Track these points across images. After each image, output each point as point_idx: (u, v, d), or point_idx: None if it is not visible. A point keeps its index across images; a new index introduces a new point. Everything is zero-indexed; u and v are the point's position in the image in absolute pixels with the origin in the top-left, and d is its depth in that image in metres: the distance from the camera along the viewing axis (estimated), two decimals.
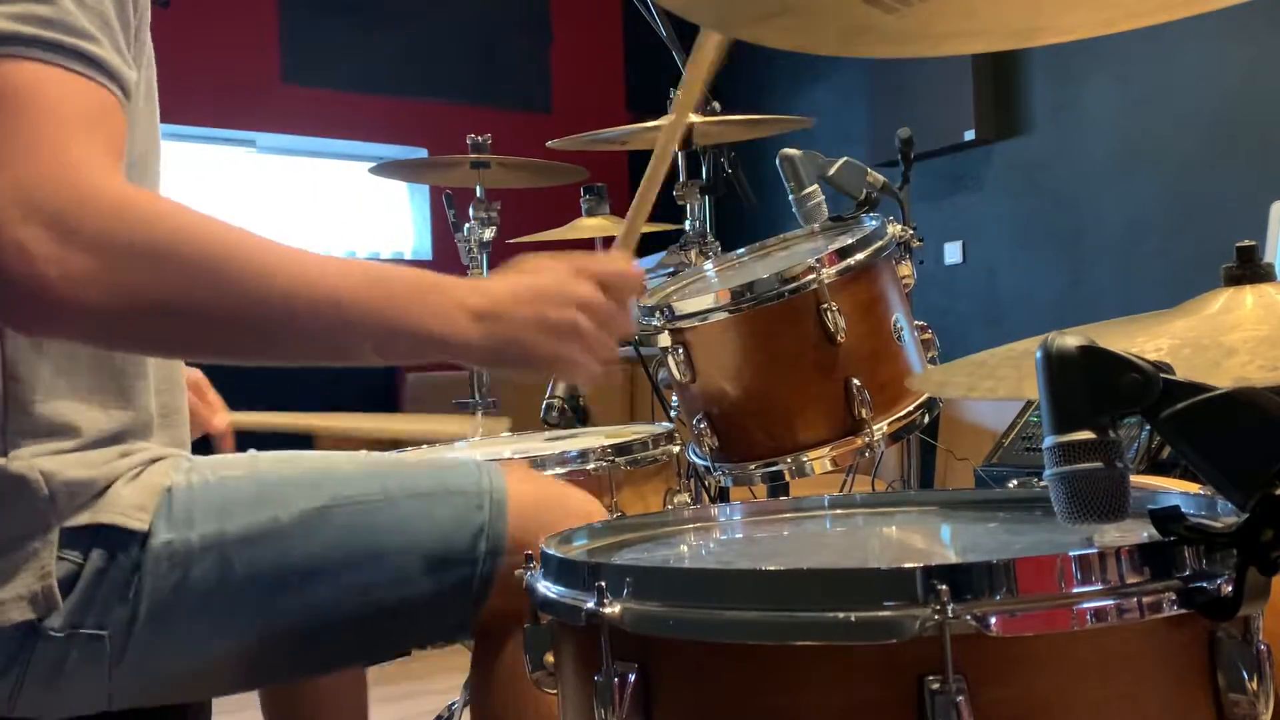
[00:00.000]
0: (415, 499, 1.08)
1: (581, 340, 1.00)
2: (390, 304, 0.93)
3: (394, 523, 1.06)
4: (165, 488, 1.03)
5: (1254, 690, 0.67)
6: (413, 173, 3.73)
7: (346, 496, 1.06)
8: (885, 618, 0.64)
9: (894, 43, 1.08)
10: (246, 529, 1.02)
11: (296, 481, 1.07)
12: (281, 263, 0.90)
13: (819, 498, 1.09)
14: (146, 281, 0.84)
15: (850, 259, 1.47)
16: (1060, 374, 0.71)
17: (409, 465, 1.14)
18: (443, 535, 1.07)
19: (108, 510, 0.99)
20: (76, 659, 0.97)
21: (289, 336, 0.92)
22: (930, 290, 4.27)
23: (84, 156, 0.85)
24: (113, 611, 0.98)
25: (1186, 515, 0.68)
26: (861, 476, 2.13)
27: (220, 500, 1.03)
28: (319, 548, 1.04)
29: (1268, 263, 0.96)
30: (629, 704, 0.71)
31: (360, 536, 1.05)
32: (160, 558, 1.00)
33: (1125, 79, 3.85)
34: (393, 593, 1.06)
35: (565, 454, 1.51)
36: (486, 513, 1.08)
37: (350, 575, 1.04)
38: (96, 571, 0.98)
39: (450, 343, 0.95)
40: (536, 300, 0.99)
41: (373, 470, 1.11)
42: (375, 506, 1.06)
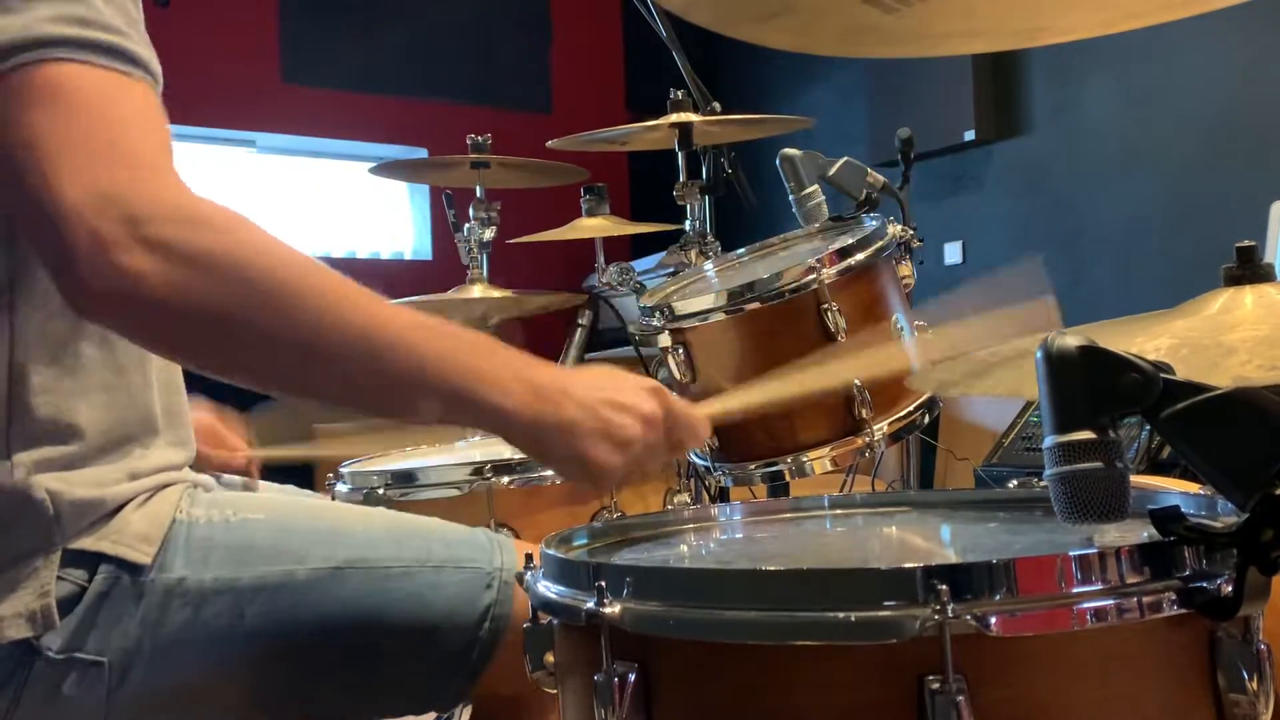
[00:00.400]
0: (427, 571, 1.08)
1: (628, 455, 0.96)
2: (454, 358, 0.92)
3: (403, 592, 1.07)
4: (178, 519, 1.03)
5: (1254, 690, 0.67)
6: (413, 173, 3.73)
7: (362, 560, 1.07)
8: (885, 618, 0.64)
9: (894, 43, 1.08)
10: (261, 578, 1.03)
11: (315, 535, 1.08)
12: (352, 300, 0.90)
13: (819, 498, 1.09)
14: (212, 290, 0.86)
15: (850, 259, 1.47)
16: (1060, 374, 0.71)
17: (426, 531, 1.15)
18: (449, 610, 1.08)
19: (113, 539, 0.99)
20: (74, 683, 0.97)
21: (348, 375, 0.91)
22: (930, 290, 4.26)
23: (152, 158, 0.87)
24: (113, 639, 0.98)
25: (1186, 515, 0.68)
26: (861, 476, 2.12)
27: (238, 544, 1.04)
28: (328, 607, 1.04)
29: (1268, 263, 0.96)
30: (629, 704, 0.71)
31: (369, 601, 1.06)
32: (172, 593, 1.00)
33: (1125, 79, 3.85)
34: (394, 658, 1.07)
35: None
36: (495, 592, 1.09)
37: (355, 637, 1.05)
38: (98, 596, 0.98)
39: (500, 408, 0.92)
40: (600, 396, 0.96)
41: (389, 533, 1.12)
42: (387, 573, 1.07)
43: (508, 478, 1.49)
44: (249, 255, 0.88)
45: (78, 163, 0.84)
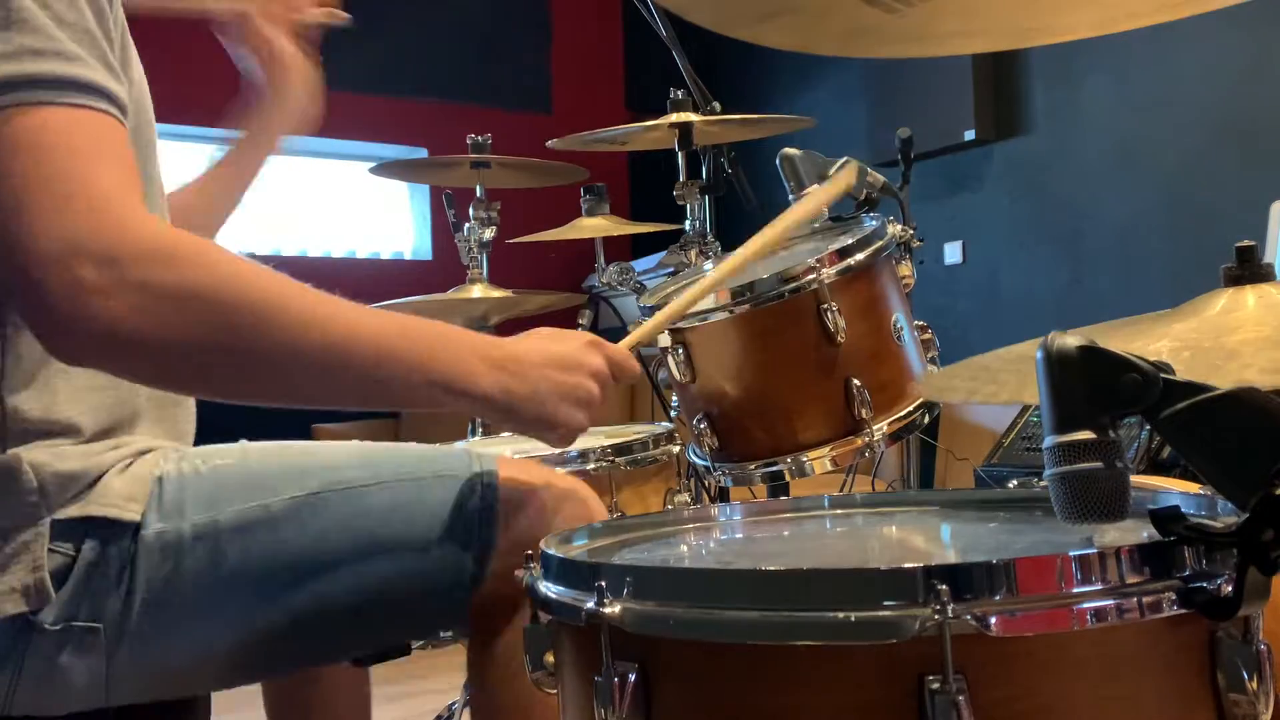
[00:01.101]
0: (406, 483, 1.08)
1: (589, 406, 1.06)
2: (420, 354, 0.97)
3: (385, 507, 1.06)
4: (156, 477, 1.03)
5: (1254, 690, 0.67)
6: (413, 173, 3.73)
7: (336, 482, 1.06)
8: (885, 618, 0.64)
9: (894, 43, 1.08)
10: (238, 518, 1.02)
11: (286, 468, 1.07)
12: (320, 313, 0.94)
13: (819, 498, 1.09)
14: (190, 323, 0.88)
15: (850, 259, 1.47)
16: (1060, 374, 0.71)
17: (400, 451, 1.15)
18: (435, 519, 1.07)
19: (98, 501, 0.99)
20: (72, 652, 0.97)
21: (327, 384, 0.96)
22: (930, 290, 4.27)
23: (115, 196, 0.88)
24: (106, 603, 0.98)
25: (1186, 515, 0.68)
26: (861, 476, 2.13)
27: (211, 489, 1.03)
28: (311, 534, 1.04)
29: (1268, 263, 0.96)
30: (629, 704, 0.71)
31: (351, 522, 1.05)
32: (153, 548, 1.00)
33: (1125, 79, 3.85)
34: (387, 579, 1.06)
35: (565, 454, 1.51)
36: (479, 497, 1.08)
37: (343, 562, 1.04)
38: (89, 563, 0.98)
39: (471, 393, 0.99)
40: (554, 363, 1.04)
41: (362, 457, 1.11)
42: (366, 491, 1.07)
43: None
44: (220, 284, 0.90)
45: (45, 213, 0.85)
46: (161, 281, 0.87)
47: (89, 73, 0.90)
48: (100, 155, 0.89)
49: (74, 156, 0.87)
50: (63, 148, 0.87)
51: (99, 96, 0.91)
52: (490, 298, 2.40)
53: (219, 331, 0.90)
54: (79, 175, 0.87)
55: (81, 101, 0.89)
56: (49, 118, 0.88)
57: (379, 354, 0.95)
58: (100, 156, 0.89)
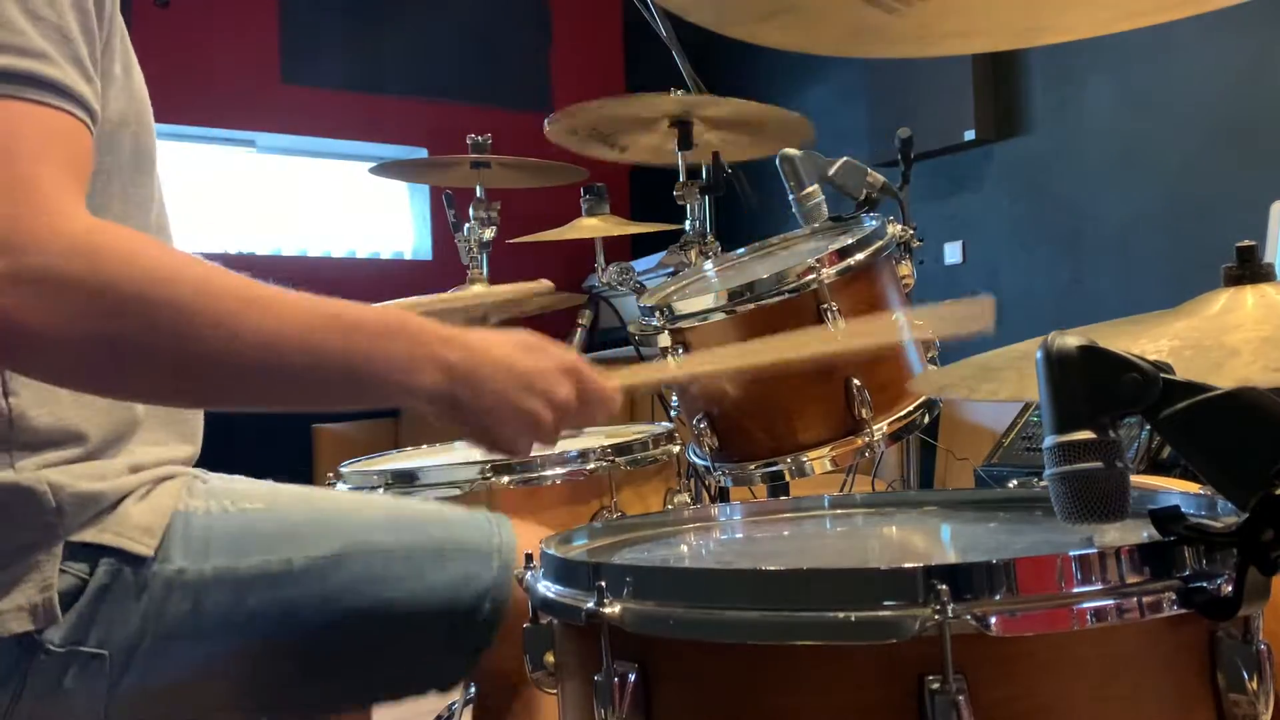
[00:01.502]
0: (426, 554, 1.09)
1: (535, 433, 0.99)
2: (356, 350, 0.91)
3: (404, 576, 1.07)
4: (177, 511, 1.03)
5: (1254, 690, 0.67)
6: (413, 173, 3.73)
7: (361, 545, 1.07)
8: (885, 618, 0.64)
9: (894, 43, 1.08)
10: (260, 568, 1.03)
11: (313, 523, 1.08)
12: (249, 311, 0.87)
13: (819, 498, 1.09)
14: (101, 321, 0.83)
15: (850, 259, 1.47)
16: (1060, 374, 0.71)
17: (424, 516, 1.15)
18: (450, 593, 1.08)
19: (114, 531, 0.99)
20: (75, 676, 0.97)
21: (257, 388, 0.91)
22: (930, 290, 4.25)
23: (50, 189, 0.83)
24: (115, 632, 0.98)
25: (1186, 515, 0.68)
26: (861, 476, 2.13)
27: (237, 534, 1.04)
28: (329, 594, 1.05)
29: (1268, 263, 0.96)
30: (629, 704, 0.71)
31: (369, 587, 1.06)
32: (172, 585, 1.00)
33: (1125, 79, 3.84)
34: (394, 644, 1.08)
35: (565, 454, 1.51)
36: (494, 572, 1.09)
37: (355, 622, 1.06)
38: (100, 589, 0.98)
39: (414, 392, 0.94)
40: (515, 381, 0.97)
41: (388, 518, 1.12)
42: (387, 558, 1.08)
43: (508, 478, 1.49)
44: (145, 281, 0.84)
45: None
46: (69, 274, 0.81)
47: (51, 70, 0.88)
48: (44, 152, 0.85)
49: (14, 149, 0.83)
50: (5, 139, 0.84)
51: (60, 95, 0.88)
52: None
53: (136, 330, 0.84)
54: (13, 167, 0.83)
55: (37, 98, 0.86)
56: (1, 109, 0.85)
57: (310, 353, 0.89)
58: (44, 153, 0.85)
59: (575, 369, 1.01)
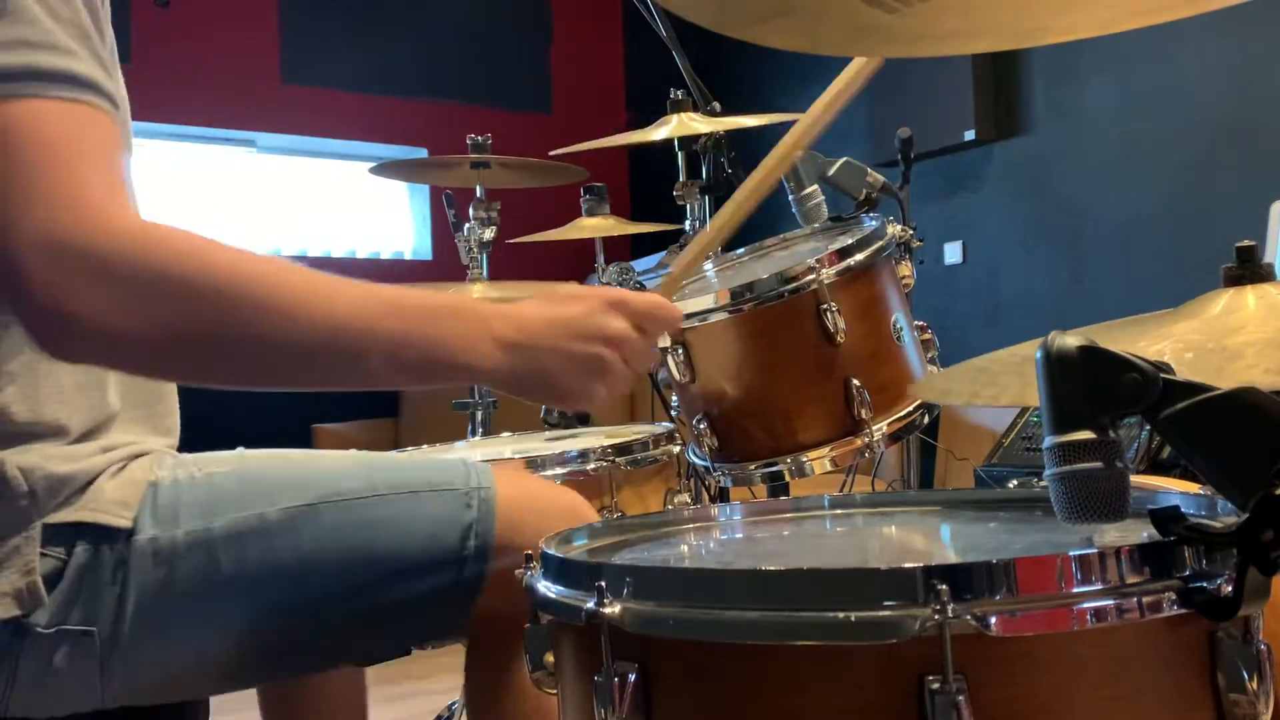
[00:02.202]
0: (402, 497, 1.08)
1: (604, 376, 1.02)
2: (413, 332, 0.95)
3: (381, 520, 1.06)
4: (150, 483, 1.03)
5: (1254, 690, 0.67)
6: (413, 173, 3.74)
7: (333, 493, 1.06)
8: (885, 618, 0.64)
9: (894, 43, 1.08)
10: (233, 526, 1.02)
11: (283, 478, 1.07)
12: (304, 295, 0.92)
13: (819, 498, 1.09)
14: (169, 314, 0.87)
15: (850, 259, 1.47)
16: (1060, 374, 0.71)
17: (397, 463, 1.15)
18: (430, 533, 1.07)
19: (90, 507, 0.99)
20: (66, 656, 0.97)
21: (314, 367, 0.95)
22: (930, 290, 4.27)
23: (98, 190, 0.87)
24: (100, 608, 0.98)
25: (1186, 515, 0.68)
26: (861, 477, 2.13)
27: (206, 497, 1.03)
28: (306, 545, 1.03)
29: (1268, 263, 0.96)
30: (629, 704, 0.71)
31: (347, 534, 1.05)
32: (145, 554, 1.00)
33: (1125, 79, 3.85)
34: (382, 591, 1.06)
35: (565, 454, 1.51)
36: (475, 510, 1.08)
37: (338, 573, 1.04)
38: (81, 567, 0.98)
39: (475, 369, 0.98)
40: (565, 332, 1.01)
41: (360, 468, 1.11)
42: (362, 504, 1.06)
43: None
44: (206, 273, 0.89)
45: (23, 212, 0.84)
46: (138, 275, 0.86)
47: (81, 66, 0.90)
48: (85, 149, 0.88)
49: (57, 149, 0.86)
50: (47, 140, 0.86)
51: (91, 91, 0.90)
52: (490, 298, 2.40)
53: (205, 320, 0.89)
54: (62, 168, 0.86)
55: (72, 95, 0.89)
56: (39, 110, 0.87)
57: (372, 338, 0.94)
58: (85, 151, 0.88)
59: (619, 300, 1.04)
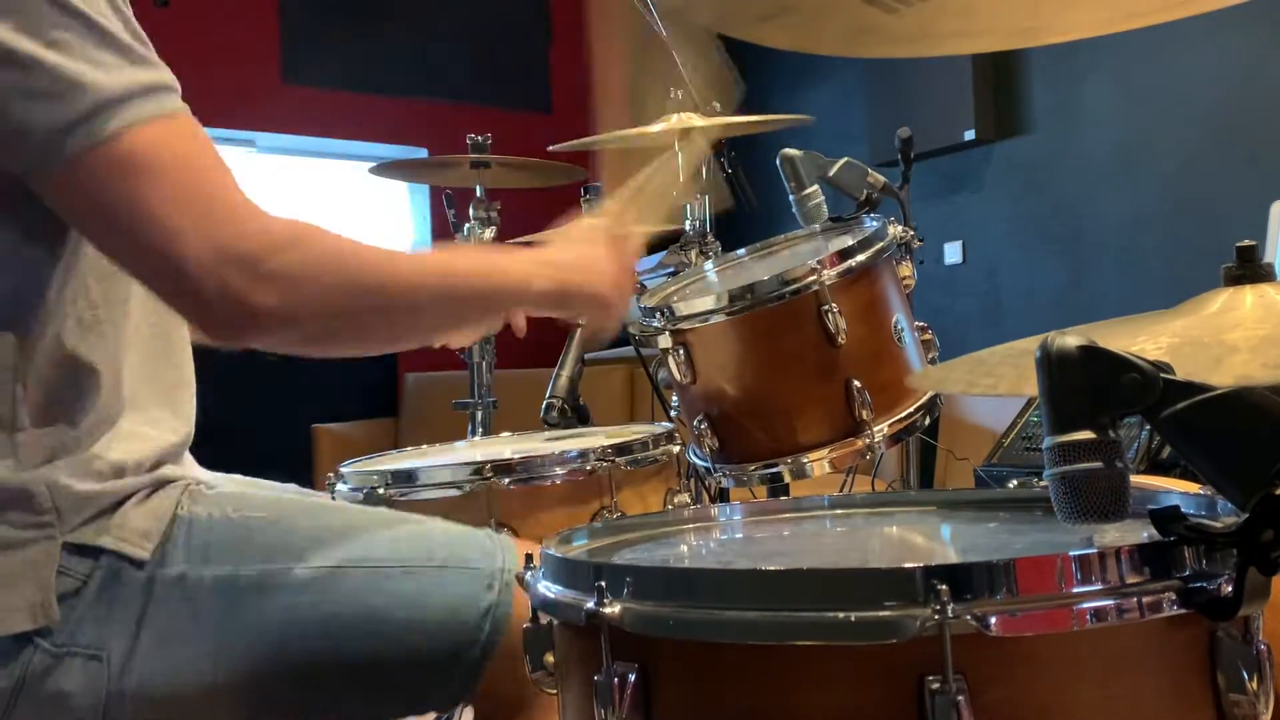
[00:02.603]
0: (428, 571, 1.09)
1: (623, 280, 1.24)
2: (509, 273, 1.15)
3: (403, 592, 1.07)
4: (180, 515, 1.04)
5: (1254, 690, 0.67)
6: (413, 173, 3.74)
7: (362, 559, 1.07)
8: (885, 618, 0.64)
9: (894, 43, 1.08)
10: (261, 577, 1.04)
11: (315, 535, 1.08)
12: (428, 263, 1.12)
13: (819, 498, 1.09)
14: (324, 298, 0.99)
15: (851, 260, 1.46)
16: (1060, 374, 0.71)
17: (428, 533, 1.15)
18: (450, 610, 1.08)
19: (113, 534, 1.00)
20: (73, 677, 0.97)
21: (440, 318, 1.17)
22: (930, 290, 4.27)
23: (233, 194, 0.97)
24: (113, 634, 0.98)
25: (1186, 515, 0.68)
26: (861, 477, 2.12)
27: (239, 541, 1.05)
28: (326, 607, 1.05)
29: (1268, 263, 0.96)
30: (629, 704, 0.71)
31: (369, 601, 1.06)
32: (171, 588, 1.01)
33: (1125, 79, 3.85)
34: (392, 660, 1.07)
35: (565, 454, 1.51)
36: (496, 594, 1.09)
37: (354, 636, 1.06)
38: (98, 591, 0.98)
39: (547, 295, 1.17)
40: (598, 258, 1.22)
41: (390, 533, 1.12)
42: (388, 574, 1.08)
43: (508, 478, 1.49)
44: (336, 258, 1.01)
45: (185, 225, 0.93)
46: (289, 268, 0.96)
47: (165, 74, 0.97)
48: (208, 160, 0.97)
49: (191, 167, 0.96)
50: (181, 161, 0.95)
51: (176, 94, 0.97)
52: None
53: (349, 297, 1.01)
54: (202, 185, 0.95)
55: (175, 107, 0.96)
56: (163, 131, 0.94)
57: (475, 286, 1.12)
58: (209, 162, 0.97)
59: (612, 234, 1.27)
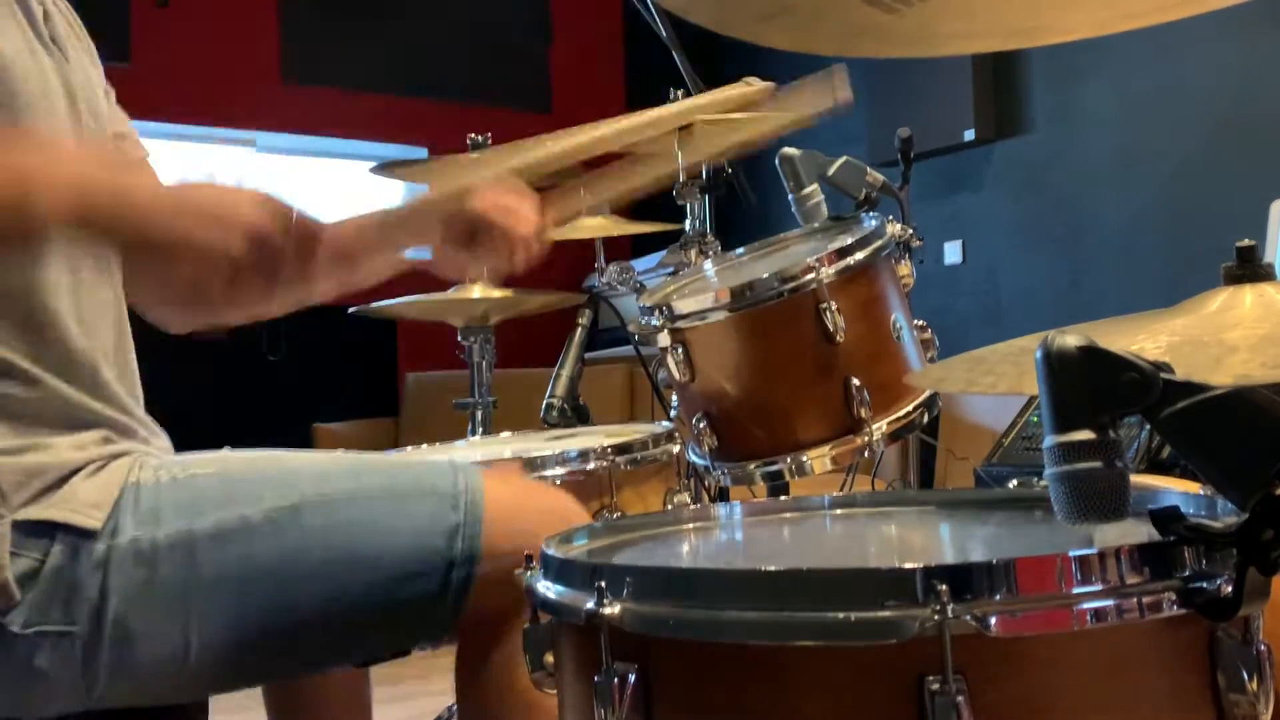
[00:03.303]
0: (388, 499, 1.07)
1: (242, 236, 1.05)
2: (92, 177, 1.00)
3: (366, 522, 1.06)
4: (129, 484, 1.02)
5: (1254, 690, 0.67)
6: (413, 173, 3.73)
7: (318, 494, 1.06)
8: (885, 618, 0.64)
9: (894, 43, 1.08)
10: (215, 527, 1.02)
11: (267, 479, 1.07)
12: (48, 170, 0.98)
13: (819, 498, 1.09)
14: None
15: (849, 258, 1.47)
16: (1060, 374, 0.71)
17: (383, 465, 1.14)
18: (416, 535, 1.06)
19: (61, 506, 0.99)
20: (46, 656, 0.97)
21: None
22: (930, 290, 4.27)
23: None
24: (79, 608, 0.98)
25: (1186, 515, 0.68)
26: (861, 476, 2.12)
27: (189, 498, 1.03)
28: (289, 546, 1.03)
29: (1268, 263, 0.96)
30: (629, 704, 0.71)
31: (330, 536, 1.04)
32: (126, 555, 0.99)
33: (1125, 79, 3.85)
34: (366, 593, 1.05)
35: (565, 454, 1.51)
36: (461, 513, 1.07)
37: (321, 575, 1.04)
38: (58, 568, 0.98)
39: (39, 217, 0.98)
40: None
41: (345, 469, 1.10)
42: (347, 504, 1.06)
43: None
44: None
45: None
46: None
47: None
48: None
49: None
50: None
51: None
52: (490, 297, 2.40)
53: None
54: None
55: None
56: None
57: None
58: None
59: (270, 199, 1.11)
